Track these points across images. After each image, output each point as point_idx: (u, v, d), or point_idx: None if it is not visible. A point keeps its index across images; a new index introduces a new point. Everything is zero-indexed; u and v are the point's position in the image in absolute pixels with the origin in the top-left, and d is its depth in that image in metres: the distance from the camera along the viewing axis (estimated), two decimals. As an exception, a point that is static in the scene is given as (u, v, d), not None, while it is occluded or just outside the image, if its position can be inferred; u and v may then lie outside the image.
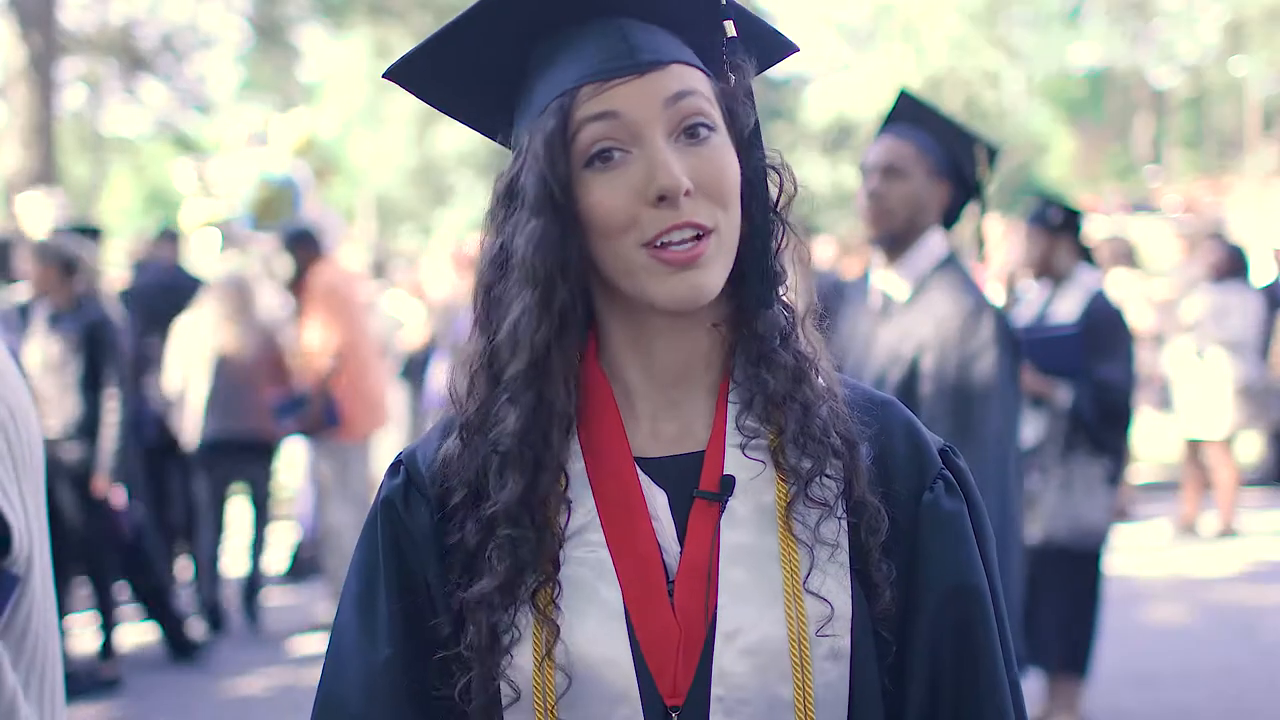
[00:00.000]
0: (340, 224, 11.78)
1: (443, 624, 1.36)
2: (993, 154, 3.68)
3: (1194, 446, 9.58)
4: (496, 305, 1.37)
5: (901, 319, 3.58)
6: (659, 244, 1.30)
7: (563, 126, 1.31)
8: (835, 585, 1.34)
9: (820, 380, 1.40)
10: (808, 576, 1.33)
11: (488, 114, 1.42)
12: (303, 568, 8.82)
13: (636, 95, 1.30)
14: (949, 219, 3.71)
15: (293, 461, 9.09)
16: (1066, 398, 5.19)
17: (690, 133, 1.31)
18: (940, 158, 3.61)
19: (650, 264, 1.30)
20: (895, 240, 3.60)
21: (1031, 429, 5.15)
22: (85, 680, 6.37)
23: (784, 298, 1.40)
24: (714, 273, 1.32)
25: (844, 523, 1.36)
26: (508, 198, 1.36)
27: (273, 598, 8.49)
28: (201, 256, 10.64)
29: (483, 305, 1.39)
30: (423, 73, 1.41)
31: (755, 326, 1.38)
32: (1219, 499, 9.54)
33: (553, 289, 1.33)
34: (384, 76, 1.40)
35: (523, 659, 1.33)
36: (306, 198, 10.74)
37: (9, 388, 1.70)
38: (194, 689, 6.58)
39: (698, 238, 1.30)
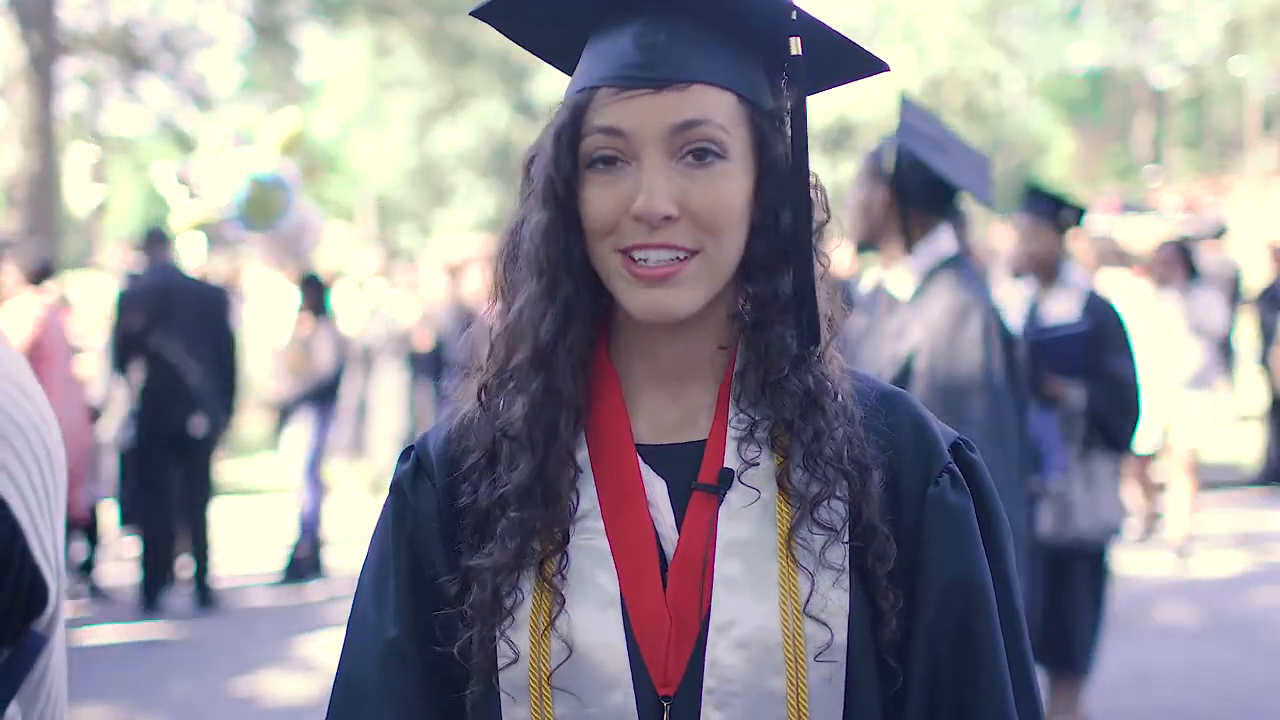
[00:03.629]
0: (321, 223, 11.76)
1: (450, 582, 1.39)
2: (898, 150, 3.70)
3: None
4: (514, 278, 1.41)
5: (901, 319, 3.63)
6: (632, 254, 1.32)
7: (574, 124, 1.34)
8: (835, 610, 1.33)
9: (838, 402, 1.38)
10: (808, 601, 1.32)
11: (561, 56, 1.44)
12: (300, 568, 8.82)
13: (645, 114, 1.31)
14: (934, 211, 3.72)
15: (291, 464, 9.09)
16: (1080, 396, 5.18)
17: (697, 154, 1.32)
18: (875, 161, 3.74)
19: (623, 271, 1.33)
20: (869, 243, 3.74)
21: (1049, 430, 5.13)
22: None
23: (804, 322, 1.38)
24: (688, 293, 1.33)
25: (849, 548, 1.35)
26: (527, 176, 1.40)
27: (272, 598, 8.50)
28: (187, 258, 10.63)
29: (503, 273, 1.42)
30: (504, 14, 1.43)
31: (765, 352, 1.37)
32: (1176, 509, 8.94)
33: (556, 282, 1.36)
34: (471, 14, 1.43)
35: (523, 622, 1.35)
36: (297, 196, 10.74)
37: (39, 413, 1.66)
38: (194, 689, 6.57)
39: (679, 259, 1.31)
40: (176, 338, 8.00)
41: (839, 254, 1.46)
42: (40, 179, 13.87)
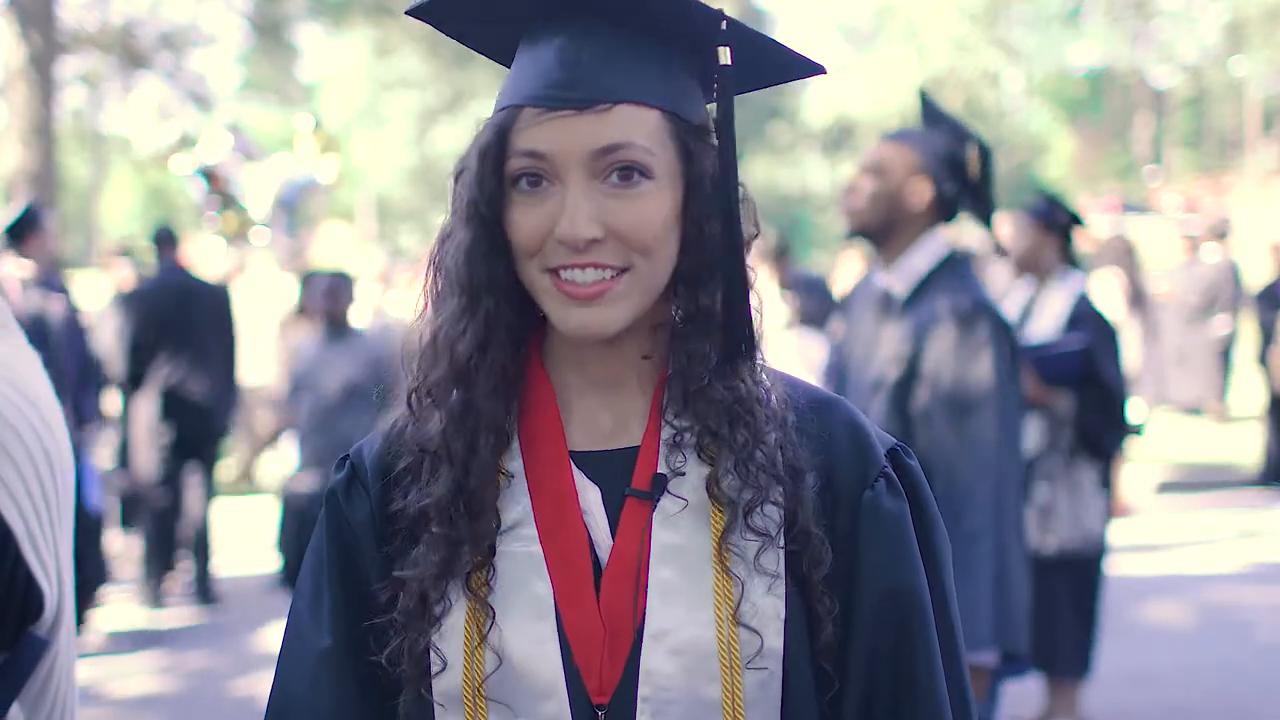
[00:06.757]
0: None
1: (382, 590, 1.38)
2: (985, 154, 3.65)
3: None
4: (440, 290, 1.39)
5: (901, 319, 3.57)
6: (560, 273, 1.30)
7: (499, 144, 1.32)
8: (769, 617, 1.32)
9: (769, 408, 1.37)
10: (738, 607, 1.31)
11: (502, 53, 1.41)
12: (299, 569, 8.82)
13: (567, 137, 1.29)
14: (949, 214, 3.69)
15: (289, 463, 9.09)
16: (1069, 405, 5.18)
17: (623, 174, 1.30)
18: (927, 155, 3.57)
19: (552, 289, 1.31)
20: (873, 236, 3.61)
21: (1031, 437, 5.11)
22: None
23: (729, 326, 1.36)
24: (618, 310, 1.31)
25: (783, 553, 1.34)
26: (456, 186, 1.38)
27: (272, 598, 8.50)
28: (206, 259, 10.63)
29: (432, 281, 1.40)
30: (439, 12, 1.41)
31: (688, 363, 1.36)
32: None
33: (476, 300, 1.35)
34: (406, 13, 1.41)
35: (452, 629, 1.34)
36: (326, 200, 10.86)
37: (43, 420, 1.66)
38: (194, 689, 6.58)
39: (608, 277, 1.30)
40: (192, 340, 8.00)
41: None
42: (40, 179, 13.89)
